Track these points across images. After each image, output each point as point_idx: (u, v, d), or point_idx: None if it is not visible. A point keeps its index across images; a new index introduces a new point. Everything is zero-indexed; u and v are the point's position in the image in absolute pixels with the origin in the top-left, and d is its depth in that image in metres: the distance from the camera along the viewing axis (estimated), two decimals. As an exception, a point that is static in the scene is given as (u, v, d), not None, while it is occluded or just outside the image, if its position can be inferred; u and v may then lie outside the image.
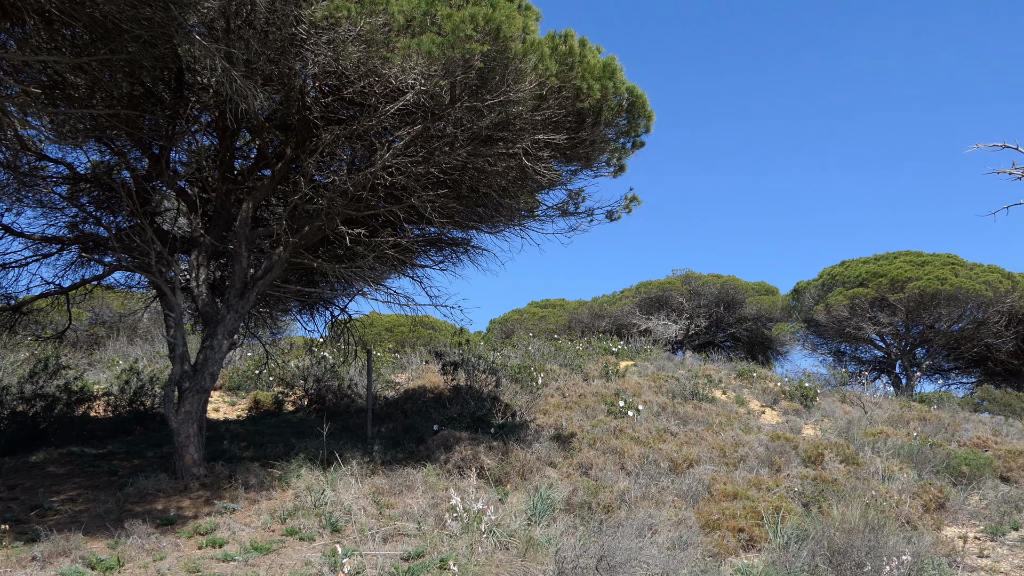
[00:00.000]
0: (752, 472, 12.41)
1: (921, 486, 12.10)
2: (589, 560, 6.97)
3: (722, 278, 36.14)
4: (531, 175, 11.11)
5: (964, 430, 17.65)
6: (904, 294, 29.81)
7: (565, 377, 18.64)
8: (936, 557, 9.06)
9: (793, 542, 9.29)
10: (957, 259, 31.00)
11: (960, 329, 31.45)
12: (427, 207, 10.80)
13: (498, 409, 14.72)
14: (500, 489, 10.89)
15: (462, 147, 10.12)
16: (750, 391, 20.33)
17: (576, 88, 10.15)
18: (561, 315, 38.00)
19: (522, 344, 24.43)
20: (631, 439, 13.31)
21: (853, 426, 16.70)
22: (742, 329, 37.23)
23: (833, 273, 33.34)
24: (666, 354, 26.81)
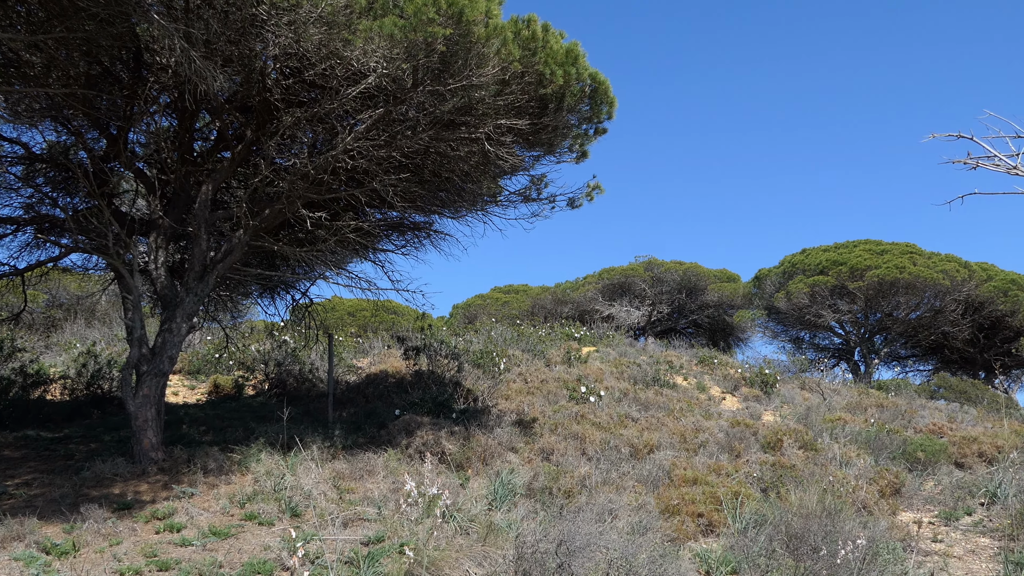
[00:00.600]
0: (712, 458, 12.51)
1: (877, 472, 12.26)
2: (549, 545, 7.00)
3: (684, 265, 36.34)
4: (494, 160, 11.08)
5: (920, 417, 17.90)
6: (863, 282, 30.15)
7: (527, 363, 18.67)
8: (891, 542, 9.19)
9: (751, 527, 9.38)
10: (915, 248, 31.39)
11: (918, 317, 31.88)
12: (389, 191, 10.74)
13: (460, 394, 14.72)
14: (462, 474, 10.90)
15: (424, 131, 10.06)
16: (711, 377, 20.48)
17: (539, 74, 10.12)
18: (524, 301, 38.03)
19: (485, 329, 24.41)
20: (592, 425, 13.37)
21: (812, 412, 16.89)
22: (704, 316, 37.47)
23: (794, 261, 33.64)
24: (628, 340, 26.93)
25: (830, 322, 32.62)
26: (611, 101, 11.37)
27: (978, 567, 9.27)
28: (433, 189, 12.21)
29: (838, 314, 31.86)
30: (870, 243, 32.03)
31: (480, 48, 9.19)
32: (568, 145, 11.90)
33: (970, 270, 30.93)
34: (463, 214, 13.31)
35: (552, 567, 6.57)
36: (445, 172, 11.47)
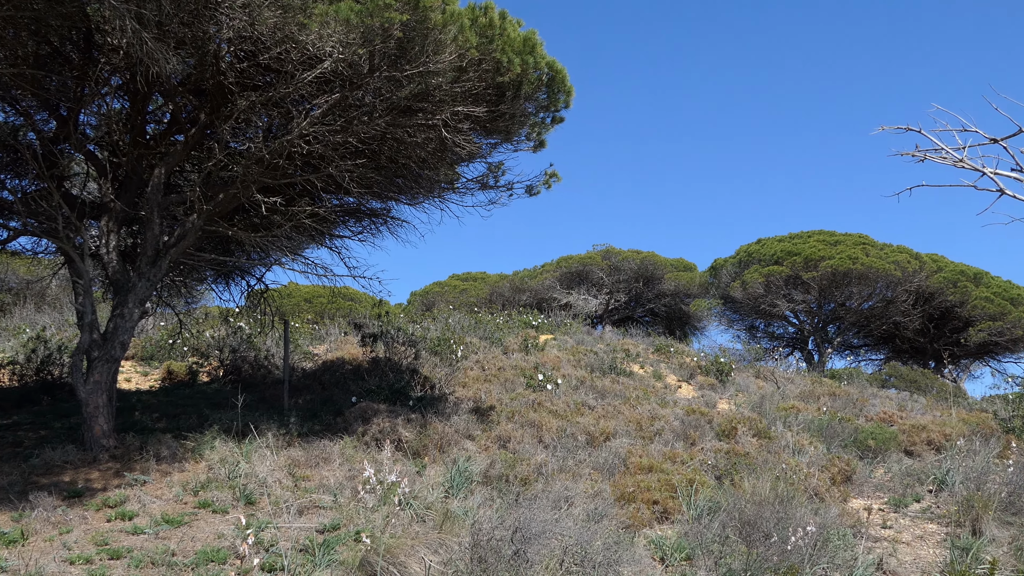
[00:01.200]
0: (668, 445, 12.61)
1: (829, 460, 12.43)
2: (504, 532, 7.01)
3: (642, 254, 36.51)
4: (451, 147, 11.04)
5: (872, 405, 18.16)
6: (817, 272, 30.49)
7: (485, 350, 18.67)
8: (841, 528, 9.33)
9: (705, 514, 9.47)
10: (868, 239, 31.79)
11: (870, 307, 32.31)
12: (345, 177, 10.65)
13: (417, 382, 14.68)
14: (418, 462, 10.88)
15: (381, 117, 9.99)
16: (667, 366, 20.61)
17: (496, 61, 10.09)
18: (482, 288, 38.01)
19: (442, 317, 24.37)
20: (549, 412, 13.40)
21: (766, 401, 17.06)
22: (661, 304, 37.70)
23: (749, 251, 33.92)
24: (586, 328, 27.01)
25: (784, 311, 32.97)
26: (568, 90, 11.38)
27: (926, 553, 9.43)
28: (390, 175, 12.14)
29: (792, 304, 32.21)
30: (824, 234, 32.39)
31: (437, 34, 9.14)
32: (525, 133, 11.89)
33: (921, 261, 31.40)
34: (420, 201, 13.25)
35: (508, 554, 6.58)
36: (402, 158, 11.40)
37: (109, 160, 11.40)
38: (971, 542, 9.08)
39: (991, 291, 31.67)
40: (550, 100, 11.56)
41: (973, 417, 16.71)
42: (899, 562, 8.95)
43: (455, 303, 33.81)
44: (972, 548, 8.87)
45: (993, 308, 31.06)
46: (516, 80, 10.60)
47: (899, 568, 8.75)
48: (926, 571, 8.65)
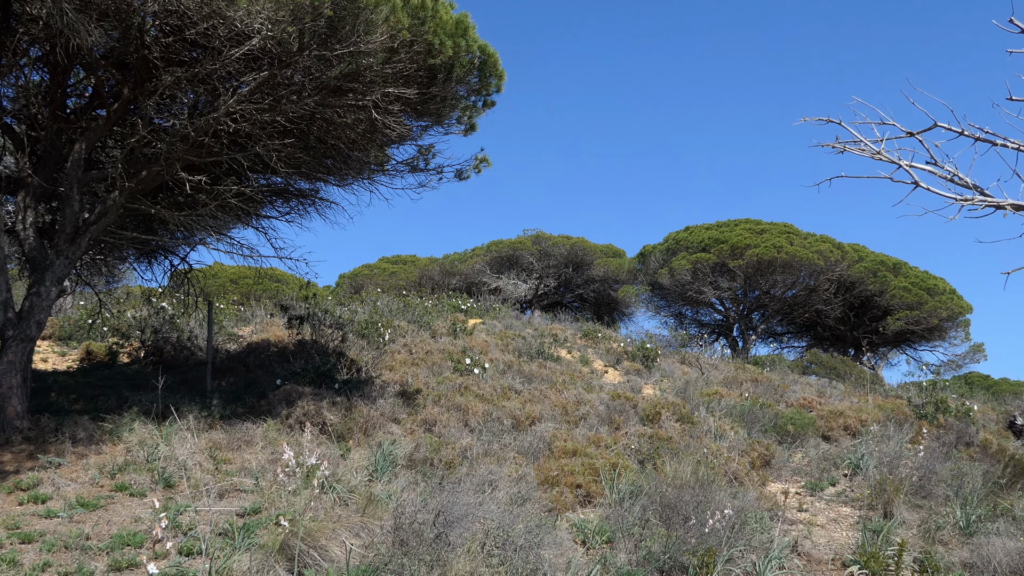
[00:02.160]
0: (592, 430, 12.72)
1: (750, 444, 12.68)
2: (427, 515, 7.01)
3: (572, 239, 36.68)
4: (381, 129, 10.97)
5: (792, 391, 18.55)
6: (743, 260, 30.99)
7: (413, 334, 18.60)
8: (759, 511, 9.52)
9: (627, 498, 9.59)
10: (793, 228, 32.39)
11: (793, 295, 32.96)
12: (273, 156, 10.52)
13: (343, 365, 14.58)
14: (343, 445, 10.82)
15: (310, 96, 9.87)
16: (594, 351, 20.77)
17: (428, 43, 10.04)
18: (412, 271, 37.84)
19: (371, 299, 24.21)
20: (476, 396, 13.42)
21: (690, 386, 17.31)
22: (590, 290, 37.95)
23: (678, 238, 34.31)
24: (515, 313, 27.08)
25: (711, 298, 33.45)
26: (500, 74, 11.37)
27: (839, 535, 9.69)
28: (319, 156, 12.02)
29: (719, 291, 32.70)
30: (750, 222, 32.91)
31: (368, 14, 9.05)
32: (456, 116, 11.86)
33: (843, 251, 32.10)
34: (349, 182, 13.14)
35: (430, 537, 6.59)
36: (331, 139, 11.30)
37: (27, 134, 11.08)
38: (882, 524, 9.36)
39: (909, 281, 32.55)
40: (482, 84, 11.54)
41: (888, 403, 17.18)
42: (813, 544, 9.18)
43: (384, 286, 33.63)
44: (883, 530, 9.13)
45: (911, 298, 31.93)
46: (448, 63, 10.56)
47: (813, 550, 8.97)
48: (839, 553, 8.88)
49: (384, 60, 9.83)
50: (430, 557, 6.08)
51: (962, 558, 8.45)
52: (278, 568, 6.44)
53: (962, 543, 9.02)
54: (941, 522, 9.64)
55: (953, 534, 9.39)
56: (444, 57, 10.34)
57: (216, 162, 11.08)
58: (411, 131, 11.98)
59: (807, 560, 8.72)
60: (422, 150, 12.56)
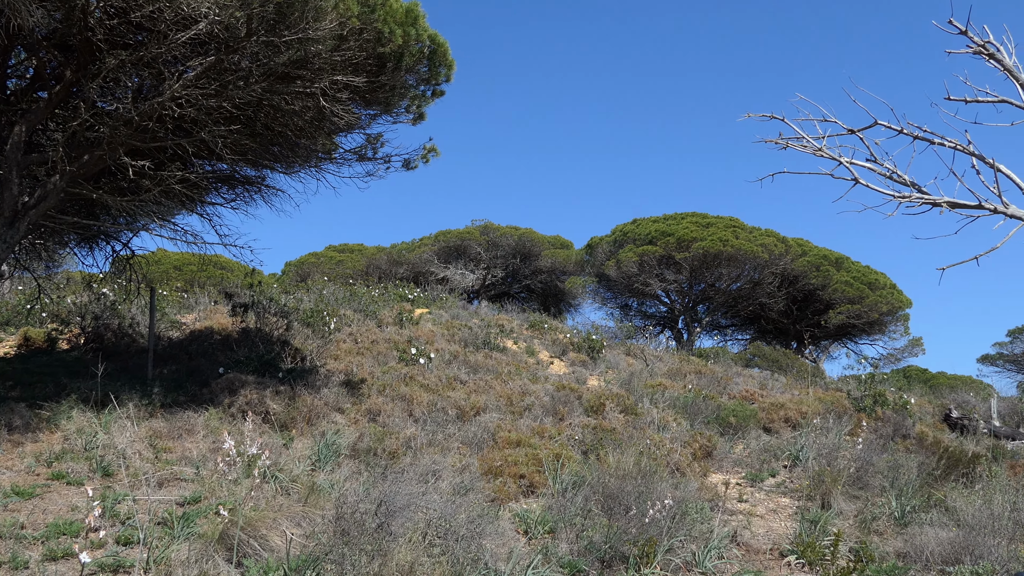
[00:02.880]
0: (537, 421, 12.79)
1: (692, 436, 12.84)
2: (369, 505, 7.02)
3: (520, 230, 36.72)
4: (329, 116, 10.90)
5: (735, 384, 18.80)
6: (689, 253, 31.26)
7: (359, 323, 18.53)
8: (700, 502, 9.67)
9: (570, 488, 9.67)
10: (738, 222, 32.75)
11: (738, 288, 33.34)
12: (219, 142, 10.40)
13: (288, 353, 14.48)
14: (286, 434, 10.76)
15: (257, 83, 9.78)
16: (540, 342, 20.85)
17: (378, 31, 10.00)
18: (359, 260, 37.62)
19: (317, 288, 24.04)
20: (421, 386, 13.42)
21: (635, 378, 17.46)
22: (537, 281, 38.03)
23: (625, 230, 34.49)
24: (462, 303, 27.08)
25: (657, 291, 33.71)
26: (450, 64, 11.37)
27: (778, 525, 9.86)
28: (266, 143, 11.90)
29: (664, 283, 32.96)
30: (697, 216, 33.20)
31: (317, 1, 8.99)
32: (405, 106, 11.83)
33: (787, 245, 32.54)
34: (296, 170, 13.04)
35: (371, 527, 6.59)
36: (279, 126, 11.20)
37: (-36, 115, 10.83)
38: (820, 515, 9.55)
39: (851, 275, 33.11)
40: (431, 73, 11.53)
41: (828, 396, 17.48)
42: (752, 534, 9.33)
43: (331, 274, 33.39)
44: (820, 521, 9.32)
45: (852, 292, 32.48)
46: (397, 51, 10.53)
47: (752, 540, 9.13)
48: (777, 543, 9.05)
49: (333, 47, 9.77)
50: (371, 547, 6.09)
51: (896, 548, 8.65)
52: (217, 558, 6.40)
53: (897, 533, 9.24)
54: (877, 512, 9.86)
55: (888, 524, 9.61)
56: (393, 46, 10.30)
57: (160, 147, 10.92)
58: (359, 119, 11.92)
59: (746, 550, 8.87)
60: (370, 139, 12.51)
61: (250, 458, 7.84)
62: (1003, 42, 5.25)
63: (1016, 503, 8.66)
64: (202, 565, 6.28)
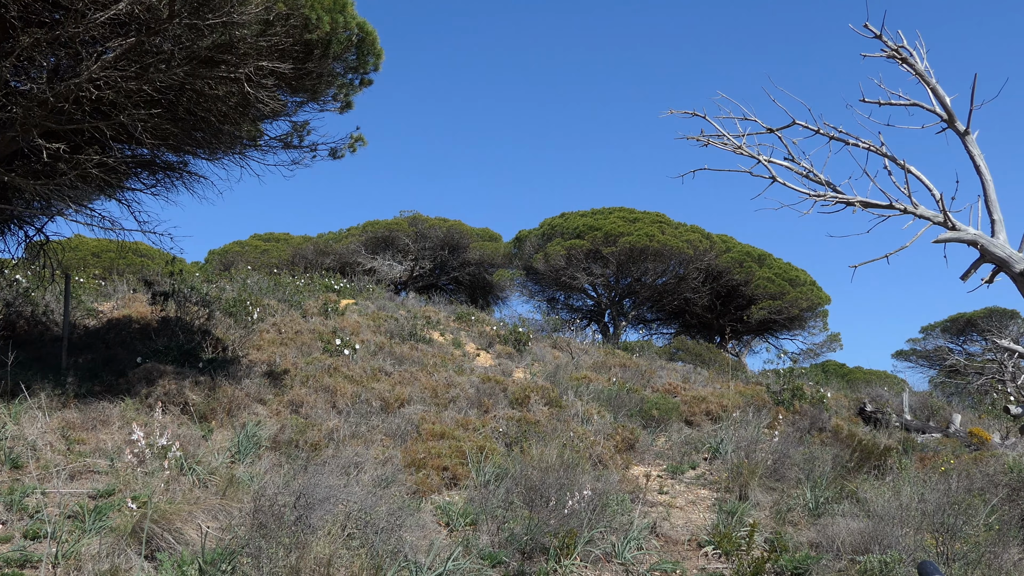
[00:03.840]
0: (461, 413, 12.77)
1: (615, 428, 12.94)
2: (288, 498, 6.92)
3: (448, 222, 36.62)
4: (254, 103, 10.72)
5: (659, 377, 19.02)
6: (616, 248, 31.52)
7: (283, 313, 18.29)
8: (621, 494, 9.75)
9: (493, 480, 9.68)
10: (665, 218, 33.13)
11: (663, 283, 33.75)
12: (138, 126, 10.15)
13: (209, 343, 14.22)
14: (205, 425, 10.57)
15: (180, 66, 9.56)
16: (467, 334, 20.84)
17: (305, 18, 9.86)
18: (285, 250, 37.15)
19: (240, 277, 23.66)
20: (345, 378, 13.30)
21: (560, 371, 17.55)
22: (465, 273, 37.98)
23: (553, 224, 34.64)
24: (389, 294, 26.92)
25: (584, 284, 33.94)
26: (378, 53, 11.27)
27: (696, 517, 10.00)
28: (188, 128, 11.65)
29: (592, 277, 33.19)
30: (624, 211, 33.49)
31: (243, -16, 8.84)
32: (333, 94, 11.71)
33: (712, 241, 33.02)
34: (220, 156, 12.81)
35: (290, 520, 6.51)
36: (202, 111, 10.98)
37: None
38: (737, 506, 9.70)
39: (773, 272, 33.76)
40: (359, 62, 11.41)
41: (749, 390, 17.80)
42: (672, 525, 9.45)
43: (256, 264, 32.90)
44: (737, 512, 9.47)
45: (774, 288, 33.12)
46: (325, 39, 10.40)
47: (671, 531, 9.24)
48: (695, 534, 9.17)
49: (259, 32, 9.61)
50: (289, 540, 6.00)
51: (810, 538, 8.83)
52: (129, 552, 6.25)
53: (810, 524, 9.43)
54: (792, 504, 10.07)
55: (803, 515, 9.81)
56: (321, 33, 10.17)
57: (77, 130, 10.62)
58: (285, 107, 11.76)
59: (665, 541, 8.97)
60: (296, 126, 12.34)
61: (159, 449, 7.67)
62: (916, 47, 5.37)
63: (923, 494, 8.91)
64: (114, 559, 6.13)
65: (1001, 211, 5.18)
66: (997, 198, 5.20)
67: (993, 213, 5.21)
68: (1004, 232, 5.08)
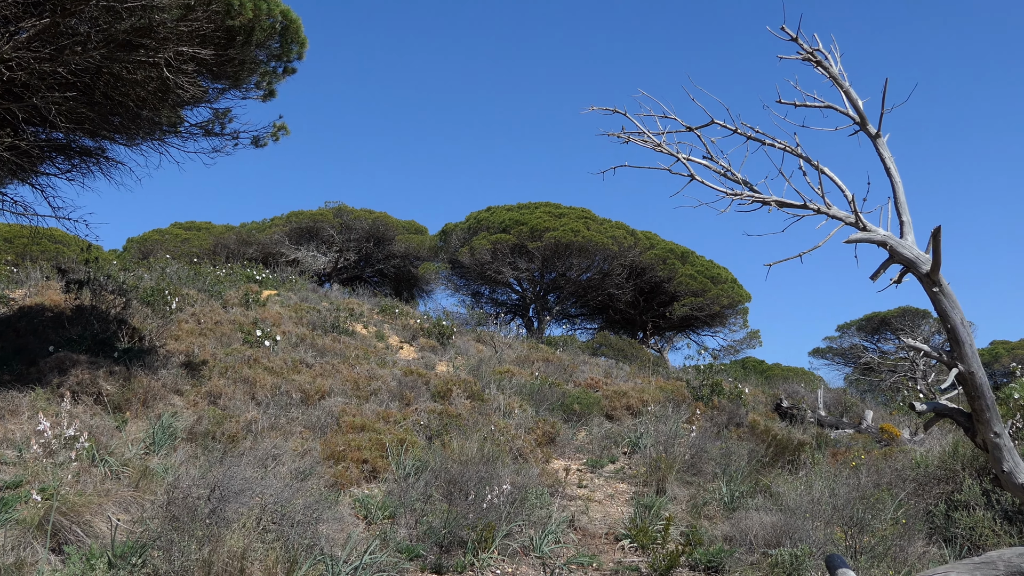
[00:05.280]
0: (383, 405, 12.73)
1: (536, 422, 13.03)
2: (203, 490, 6.83)
3: (374, 214, 36.36)
4: (174, 88, 10.50)
5: (581, 372, 19.17)
6: (541, 243, 31.63)
7: (203, 303, 17.96)
8: (540, 487, 9.83)
9: (413, 473, 9.67)
10: (590, 213, 33.35)
11: (588, 279, 33.98)
12: (52, 110, 9.88)
13: (125, 332, 13.92)
14: (119, 416, 10.35)
15: (96, 49, 9.33)
16: (391, 327, 20.75)
17: (227, 3, 9.71)
18: (207, 239, 36.47)
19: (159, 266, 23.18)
20: (265, 369, 13.14)
21: (483, 364, 17.59)
22: (390, 266, 37.76)
23: (479, 218, 34.62)
24: (312, 286, 26.64)
25: (509, 279, 33.99)
26: (302, 41, 11.15)
27: (614, 510, 10.13)
28: (105, 112, 11.37)
29: (517, 271, 33.27)
30: (550, 206, 33.61)
31: (162, -34, 8.66)
32: (255, 81, 11.54)
33: (636, 238, 33.35)
34: (139, 142, 12.52)
35: (204, 512, 6.42)
36: (119, 95, 10.73)
37: None
38: (655, 500, 9.86)
39: (695, 269, 34.25)
40: (283, 49, 11.27)
41: (669, 385, 18.05)
42: (590, 519, 9.56)
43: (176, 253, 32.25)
44: (655, 506, 9.62)
45: (696, 285, 33.61)
46: (248, 25, 10.25)
47: (589, 525, 9.35)
48: (612, 527, 9.30)
49: (179, 17, 9.42)
50: (202, 533, 5.93)
51: (724, 531, 9.02)
52: (36, 545, 6.11)
53: (726, 517, 9.63)
54: (708, 498, 10.26)
55: (718, 509, 10.01)
56: (243, 19, 10.02)
57: (-13, 111, 10.31)
58: (207, 93, 11.55)
59: (583, 535, 9.07)
60: (218, 113, 12.14)
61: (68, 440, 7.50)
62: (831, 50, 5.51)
63: (834, 489, 9.15)
64: (19, 552, 5.98)
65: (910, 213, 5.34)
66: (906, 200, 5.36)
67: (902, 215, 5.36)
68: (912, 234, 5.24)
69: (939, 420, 5.37)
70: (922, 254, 5.03)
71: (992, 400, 4.92)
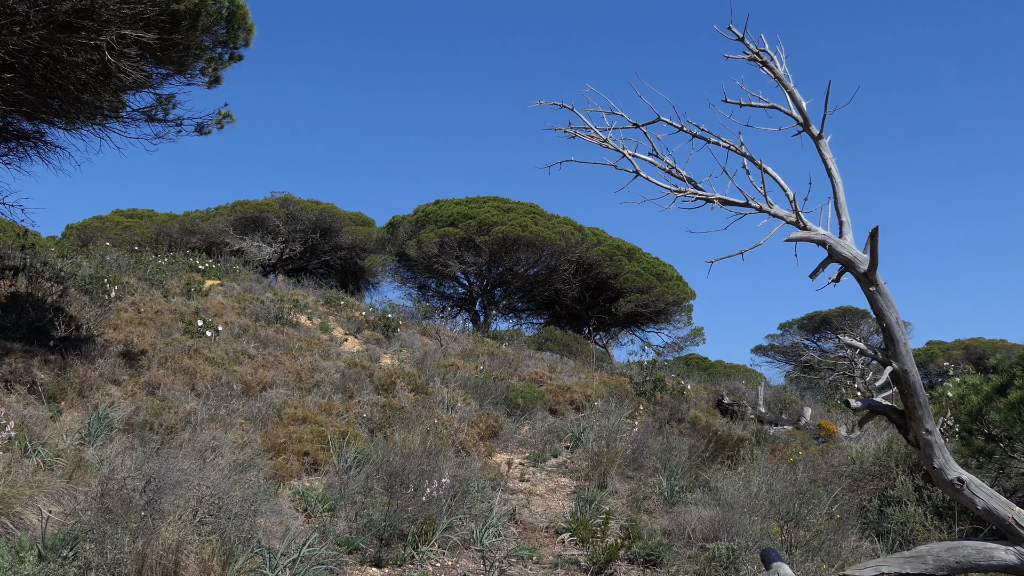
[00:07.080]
0: (325, 398, 12.63)
1: (480, 416, 13.03)
2: (138, 482, 6.72)
3: (321, 205, 36.04)
4: (115, 72, 10.31)
5: (526, 366, 19.21)
6: (489, 237, 31.61)
7: (143, 292, 17.67)
8: (482, 481, 9.82)
9: (354, 466, 9.61)
10: (538, 209, 33.40)
11: (535, 274, 34.03)
12: (-12, 91, 9.66)
13: (62, 321, 13.63)
14: (53, 406, 10.13)
15: (36, 30, 9.12)
16: (336, 319, 20.60)
17: (172, -14, 9.55)
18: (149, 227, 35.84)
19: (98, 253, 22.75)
20: (206, 360, 12.96)
21: (428, 357, 17.53)
22: (337, 257, 37.46)
23: (427, 211, 34.49)
24: (257, 276, 26.34)
25: (456, 272, 33.92)
26: (249, 27, 11.02)
27: (556, 504, 10.17)
28: (44, 95, 11.14)
29: (464, 265, 33.21)
30: (499, 200, 33.61)
31: (104, -52, 8.49)
32: (201, 68, 11.37)
33: (583, 234, 33.48)
34: (79, 127, 12.28)
35: (139, 504, 6.32)
36: (59, 78, 10.51)
37: None
38: (596, 494, 9.90)
39: (641, 266, 34.48)
40: (229, 36, 11.13)
41: (613, 380, 18.16)
42: (531, 513, 9.59)
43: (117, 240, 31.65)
44: (596, 500, 9.67)
45: (642, 282, 33.83)
46: (193, 9, 10.10)
47: (530, 518, 9.37)
48: (553, 521, 9.33)
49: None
50: (136, 525, 5.83)
51: (663, 526, 9.10)
52: (-38, 537, 5.96)
53: (665, 512, 9.72)
54: (648, 492, 10.35)
55: (658, 504, 10.10)
56: (189, 3, 9.89)
57: (-80, 92, 10.04)
58: (150, 78, 11.35)
59: (523, 528, 9.09)
60: (161, 99, 11.94)
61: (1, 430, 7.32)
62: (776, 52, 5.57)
63: (772, 484, 9.28)
64: (-54, 544, 5.83)
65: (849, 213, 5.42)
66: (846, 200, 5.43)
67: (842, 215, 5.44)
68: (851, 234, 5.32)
69: (874, 417, 5.47)
70: (860, 254, 5.11)
71: (924, 398, 5.02)
